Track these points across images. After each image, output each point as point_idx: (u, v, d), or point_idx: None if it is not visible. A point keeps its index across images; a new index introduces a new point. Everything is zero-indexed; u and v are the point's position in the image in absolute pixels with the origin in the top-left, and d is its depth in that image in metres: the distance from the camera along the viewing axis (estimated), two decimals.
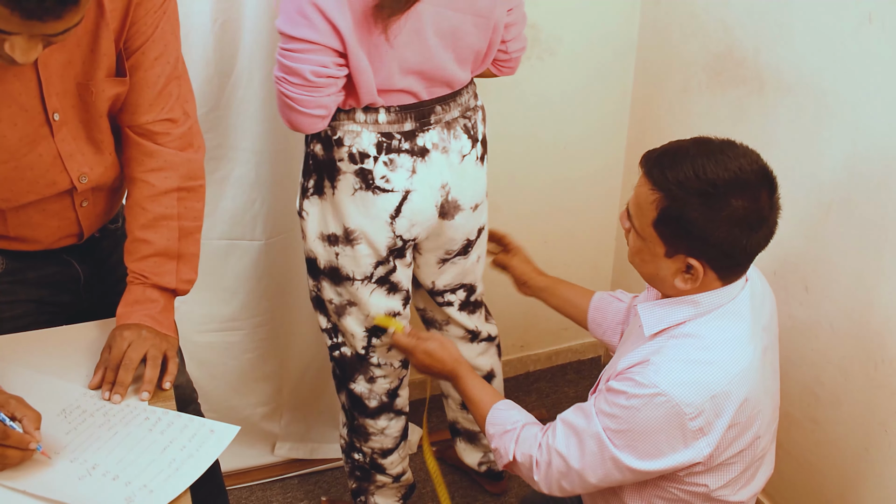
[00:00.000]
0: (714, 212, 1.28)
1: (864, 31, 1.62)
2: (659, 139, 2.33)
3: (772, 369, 1.46)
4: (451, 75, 1.67)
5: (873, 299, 1.71)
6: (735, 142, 1.34)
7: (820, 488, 1.94)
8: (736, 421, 1.34)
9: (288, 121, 1.60)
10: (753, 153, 1.33)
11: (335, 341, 1.90)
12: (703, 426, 1.31)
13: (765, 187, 1.30)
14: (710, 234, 1.29)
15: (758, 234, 1.31)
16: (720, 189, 1.27)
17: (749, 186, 1.28)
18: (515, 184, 2.38)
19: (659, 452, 1.34)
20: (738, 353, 1.34)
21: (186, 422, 1.29)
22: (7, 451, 1.15)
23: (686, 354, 1.33)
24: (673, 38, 2.21)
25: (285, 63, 1.53)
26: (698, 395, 1.29)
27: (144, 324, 1.40)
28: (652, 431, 1.32)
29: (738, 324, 1.36)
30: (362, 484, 2.09)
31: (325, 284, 1.81)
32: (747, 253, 1.33)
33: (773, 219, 1.33)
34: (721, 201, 1.27)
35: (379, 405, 1.95)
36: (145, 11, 1.35)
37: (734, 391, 1.32)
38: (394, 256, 1.76)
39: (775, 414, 1.48)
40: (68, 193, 1.43)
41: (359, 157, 1.65)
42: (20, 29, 1.07)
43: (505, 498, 2.35)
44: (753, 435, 1.38)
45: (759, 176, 1.30)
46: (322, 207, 1.73)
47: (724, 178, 1.27)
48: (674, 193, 1.30)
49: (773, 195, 1.32)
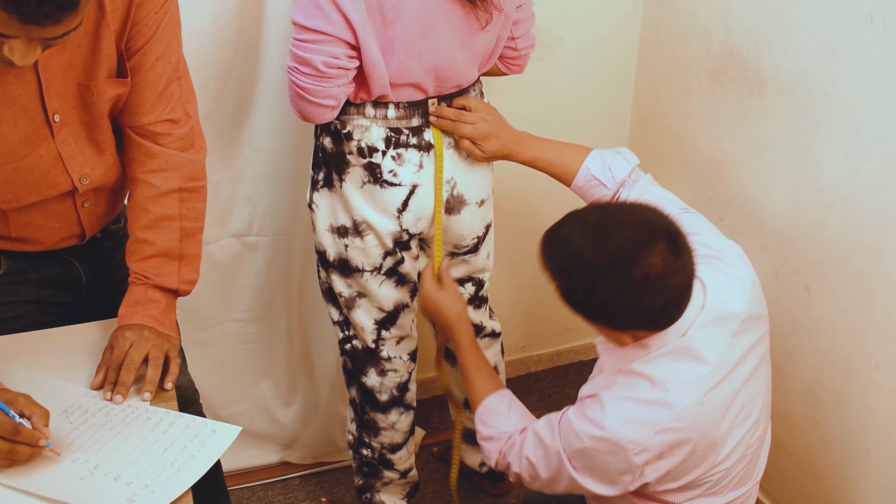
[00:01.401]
0: (606, 292, 1.26)
1: (865, 32, 1.62)
2: (660, 140, 2.35)
3: (756, 367, 1.43)
4: (462, 71, 1.68)
5: (874, 300, 1.71)
6: (625, 206, 1.31)
7: (821, 489, 1.95)
8: (685, 455, 1.36)
9: (298, 110, 1.63)
10: (643, 213, 1.29)
11: (346, 334, 1.91)
12: (648, 459, 1.35)
13: (656, 246, 1.25)
14: (612, 311, 1.28)
15: (664, 292, 1.27)
16: (603, 272, 1.26)
17: (632, 259, 1.25)
18: (517, 184, 2.38)
19: (612, 481, 1.39)
20: (688, 391, 1.33)
21: (188, 422, 1.30)
22: (17, 448, 1.15)
23: (631, 392, 1.34)
24: (674, 40, 2.21)
25: (298, 53, 1.56)
26: (641, 433, 1.32)
27: (146, 324, 1.40)
28: (601, 463, 1.36)
29: (689, 361, 1.34)
30: (369, 480, 2.09)
31: (335, 277, 1.82)
32: (663, 310, 1.30)
33: (678, 266, 1.27)
34: (608, 282, 1.26)
35: (390, 399, 1.96)
36: (146, 12, 1.35)
37: (682, 427, 1.33)
38: (400, 248, 1.77)
39: (760, 422, 1.46)
40: (70, 194, 1.43)
41: (367, 152, 1.67)
42: (19, 32, 1.07)
43: (506, 499, 2.35)
44: (711, 463, 1.39)
45: (645, 240, 1.25)
46: (331, 200, 1.75)
47: (604, 261, 1.26)
48: (564, 281, 1.31)
49: (671, 248, 1.26)
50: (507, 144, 1.75)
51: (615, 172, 1.69)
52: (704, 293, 1.37)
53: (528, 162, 1.79)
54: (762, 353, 1.45)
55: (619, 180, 1.69)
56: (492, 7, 1.61)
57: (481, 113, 1.72)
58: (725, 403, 1.37)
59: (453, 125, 1.71)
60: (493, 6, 1.61)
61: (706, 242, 1.48)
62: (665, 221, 1.29)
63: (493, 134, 1.73)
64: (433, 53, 1.61)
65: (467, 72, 1.70)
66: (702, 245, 1.44)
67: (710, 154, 2.13)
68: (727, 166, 2.08)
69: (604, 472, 1.38)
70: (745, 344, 1.40)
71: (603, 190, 1.71)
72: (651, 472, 1.37)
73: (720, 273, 1.42)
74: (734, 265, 1.45)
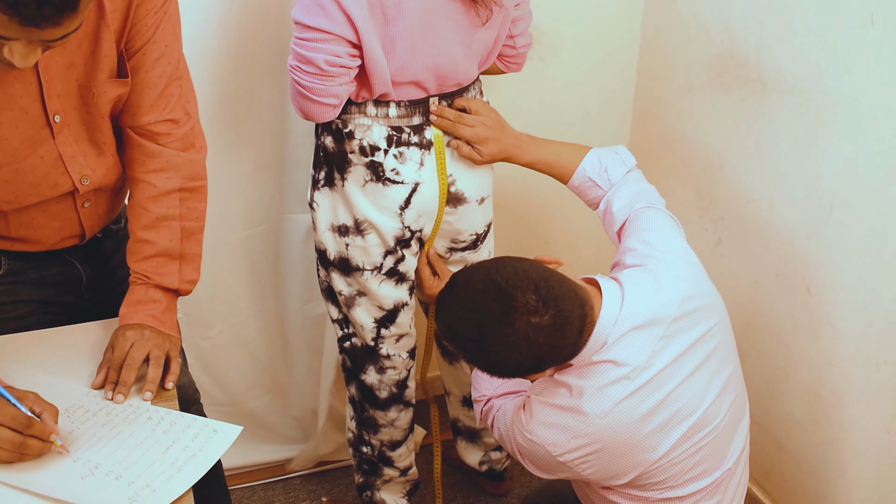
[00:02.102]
0: (494, 355, 1.34)
1: (867, 32, 1.62)
2: (661, 140, 2.35)
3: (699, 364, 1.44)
4: (462, 69, 1.69)
5: (875, 300, 1.71)
6: (489, 272, 1.36)
7: (821, 489, 1.95)
8: (610, 457, 1.41)
9: (300, 109, 1.63)
10: (505, 279, 1.33)
11: (345, 332, 1.92)
12: (572, 460, 1.41)
13: (516, 312, 1.31)
14: (509, 366, 1.36)
15: (545, 342, 1.33)
16: (478, 342, 1.34)
17: (498, 328, 1.32)
18: (517, 185, 2.38)
19: (552, 473, 1.48)
20: (601, 399, 1.37)
21: (189, 422, 1.30)
22: (29, 441, 1.16)
23: (553, 399, 1.41)
24: (675, 40, 2.21)
25: (300, 52, 1.56)
26: (561, 436, 1.39)
27: (147, 324, 1.41)
28: (536, 457, 1.45)
29: (608, 370, 1.38)
30: (369, 478, 2.10)
31: (335, 275, 1.83)
32: (556, 352, 1.36)
33: (552, 314, 1.32)
34: (490, 347, 1.33)
35: (389, 396, 1.96)
36: (146, 12, 1.35)
37: (594, 433, 1.38)
38: (401, 246, 1.78)
39: (713, 415, 1.46)
40: (70, 195, 1.43)
41: (369, 150, 1.68)
42: (19, 34, 1.07)
43: (506, 499, 2.35)
44: (647, 463, 1.42)
45: (506, 306, 1.31)
46: (332, 199, 1.75)
47: (475, 333, 1.34)
48: (458, 350, 1.41)
49: (533, 307, 1.31)
50: (506, 148, 1.76)
51: (611, 174, 1.72)
52: (622, 302, 1.40)
53: (528, 164, 1.80)
54: (709, 349, 1.45)
55: (614, 182, 1.71)
56: (492, 3, 1.62)
57: (481, 116, 1.73)
58: (648, 407, 1.39)
59: (453, 126, 1.71)
60: (493, 2, 1.62)
61: (648, 240, 1.51)
62: (524, 279, 1.33)
63: (491, 138, 1.74)
64: (434, 51, 1.62)
65: (468, 70, 1.71)
66: (643, 243, 1.50)
67: (711, 154, 2.13)
68: (728, 166, 2.08)
69: (542, 465, 1.47)
70: (681, 344, 1.41)
71: (598, 191, 1.73)
72: (586, 469, 1.43)
73: (651, 274, 1.45)
74: (670, 264, 1.47)
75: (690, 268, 1.49)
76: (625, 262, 1.51)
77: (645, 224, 1.56)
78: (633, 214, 1.60)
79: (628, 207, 1.64)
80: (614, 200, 1.68)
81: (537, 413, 1.42)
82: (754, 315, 2.04)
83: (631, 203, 1.64)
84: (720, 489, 1.52)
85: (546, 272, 1.36)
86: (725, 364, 1.49)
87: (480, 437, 2.24)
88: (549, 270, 1.37)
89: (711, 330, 1.45)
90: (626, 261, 1.51)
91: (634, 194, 1.67)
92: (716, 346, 1.46)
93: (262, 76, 1.94)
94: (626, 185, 1.70)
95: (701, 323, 1.44)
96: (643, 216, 1.58)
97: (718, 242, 2.15)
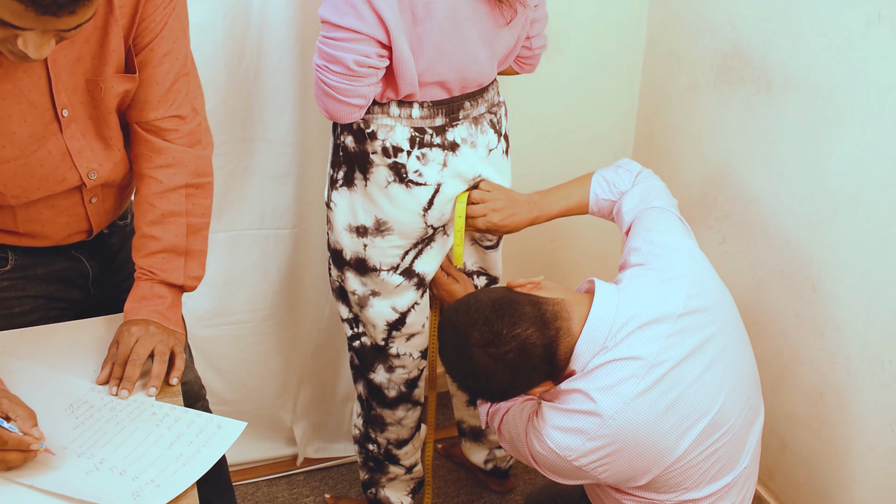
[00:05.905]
0: (473, 392, 1.46)
1: (873, 29, 1.62)
2: (666, 138, 2.34)
3: (710, 363, 1.44)
4: (485, 70, 1.68)
5: (880, 299, 1.71)
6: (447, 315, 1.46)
7: (825, 487, 1.94)
8: (629, 459, 1.40)
9: (325, 109, 1.61)
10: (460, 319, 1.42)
11: (355, 331, 1.91)
12: (588, 464, 1.41)
13: (472, 348, 1.39)
14: (501, 389, 1.43)
15: (510, 369, 1.39)
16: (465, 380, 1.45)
17: (471, 364, 1.40)
18: (523, 182, 2.38)
19: (567, 478, 1.48)
20: (615, 399, 1.38)
21: (193, 417, 1.30)
22: (7, 456, 1.15)
23: (566, 404, 1.41)
24: (681, 37, 2.21)
25: (327, 51, 1.53)
26: (576, 440, 1.39)
27: (152, 319, 1.41)
28: (551, 464, 1.45)
29: (619, 369, 1.39)
30: (374, 475, 2.10)
31: (350, 275, 1.82)
32: (524, 374, 1.40)
33: (507, 345, 1.38)
34: (469, 387, 1.46)
35: (398, 395, 1.96)
36: (154, 8, 1.35)
37: (611, 433, 1.38)
38: (423, 244, 1.78)
39: (729, 414, 1.46)
40: (77, 190, 1.43)
41: (392, 152, 1.67)
42: (34, 25, 1.08)
43: (510, 496, 2.35)
44: (664, 464, 1.42)
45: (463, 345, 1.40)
46: (351, 199, 1.74)
47: (458, 373, 1.45)
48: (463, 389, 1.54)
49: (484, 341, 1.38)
50: (525, 218, 1.80)
51: (619, 186, 1.75)
52: (617, 302, 1.41)
53: (552, 218, 1.84)
54: (719, 349, 1.45)
55: (622, 190, 1.74)
56: (517, 2, 1.61)
57: (487, 203, 1.77)
58: (661, 405, 1.39)
59: (473, 222, 1.77)
60: (518, 1, 1.61)
61: (652, 240, 1.52)
62: (474, 315, 1.40)
63: (505, 217, 1.78)
64: (460, 51, 1.61)
65: (489, 70, 1.70)
66: (647, 242, 1.51)
67: (716, 152, 2.13)
68: (733, 164, 2.07)
69: (559, 471, 1.46)
70: (690, 343, 1.41)
71: (612, 204, 1.76)
72: (602, 473, 1.42)
73: (654, 272, 1.46)
74: (673, 262, 1.47)
75: (695, 265, 1.48)
76: (629, 261, 1.52)
77: (649, 224, 1.56)
78: (639, 215, 1.61)
79: (636, 209, 1.65)
80: (623, 203, 1.70)
81: (550, 419, 1.42)
82: (759, 313, 2.04)
83: (639, 204, 1.65)
84: (734, 489, 1.52)
85: (500, 302, 1.40)
86: (737, 363, 1.49)
87: (485, 435, 2.24)
88: (506, 299, 1.41)
89: (720, 330, 1.45)
90: (630, 260, 1.51)
91: (643, 194, 1.68)
92: (725, 345, 1.46)
93: (270, 74, 1.94)
94: (635, 188, 1.71)
95: (710, 323, 1.44)
96: (648, 216, 1.59)
97: (723, 241, 2.15)
